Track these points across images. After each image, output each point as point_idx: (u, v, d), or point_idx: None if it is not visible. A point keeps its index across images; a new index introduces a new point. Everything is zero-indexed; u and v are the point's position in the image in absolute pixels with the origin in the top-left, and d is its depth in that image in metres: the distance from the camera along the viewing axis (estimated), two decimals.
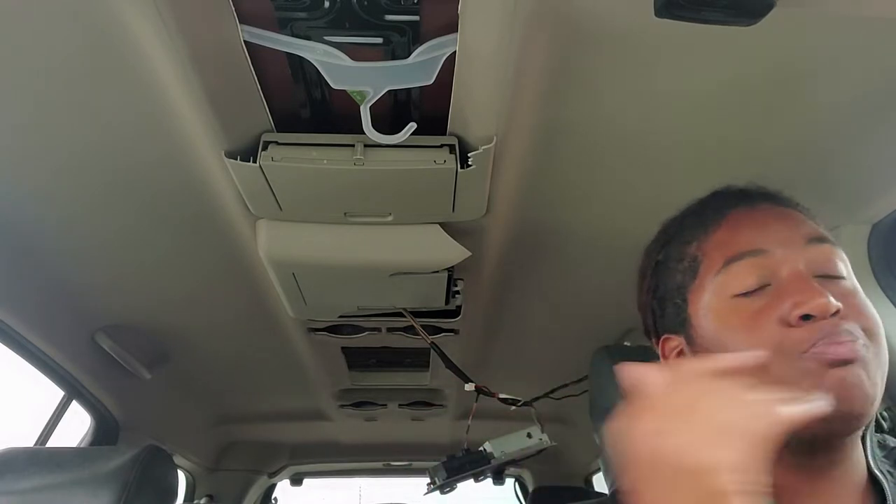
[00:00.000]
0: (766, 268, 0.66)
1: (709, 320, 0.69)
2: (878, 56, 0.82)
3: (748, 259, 0.67)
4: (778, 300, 0.64)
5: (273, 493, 3.28)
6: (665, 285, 0.75)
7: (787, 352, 0.62)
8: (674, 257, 0.75)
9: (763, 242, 0.67)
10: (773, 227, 0.68)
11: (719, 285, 0.68)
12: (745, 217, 0.71)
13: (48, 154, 1.01)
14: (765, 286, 0.66)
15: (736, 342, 0.66)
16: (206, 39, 0.75)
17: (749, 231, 0.69)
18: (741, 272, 0.67)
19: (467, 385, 1.54)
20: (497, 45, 0.75)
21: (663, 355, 0.76)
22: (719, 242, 0.70)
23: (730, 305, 0.67)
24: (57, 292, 1.45)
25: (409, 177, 0.97)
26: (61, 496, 1.24)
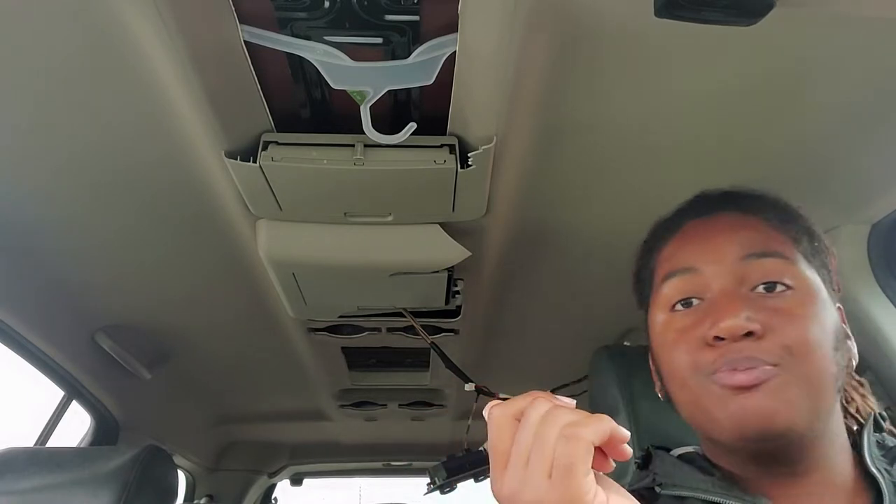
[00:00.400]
0: (696, 284, 0.69)
1: (654, 333, 0.73)
2: (878, 56, 0.82)
3: (679, 276, 0.70)
4: (703, 318, 0.67)
5: (273, 493, 3.29)
6: (640, 294, 0.79)
7: (699, 371, 0.66)
8: (645, 267, 0.78)
9: (696, 260, 0.69)
10: (713, 242, 0.70)
11: (657, 300, 0.72)
12: (696, 230, 0.73)
13: (48, 154, 1.01)
14: (698, 301, 0.69)
15: (667, 357, 0.70)
16: (206, 39, 0.75)
17: (691, 247, 0.72)
18: (672, 289, 0.70)
19: (467, 385, 1.54)
20: (497, 45, 0.75)
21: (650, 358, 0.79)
22: (667, 256, 0.74)
23: (665, 320, 0.71)
24: (57, 292, 1.45)
25: (409, 177, 0.97)
26: (61, 496, 1.24)
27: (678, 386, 0.69)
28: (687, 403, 0.69)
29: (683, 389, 0.68)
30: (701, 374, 0.65)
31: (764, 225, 0.71)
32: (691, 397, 0.67)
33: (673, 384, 0.70)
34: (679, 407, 0.71)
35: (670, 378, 0.70)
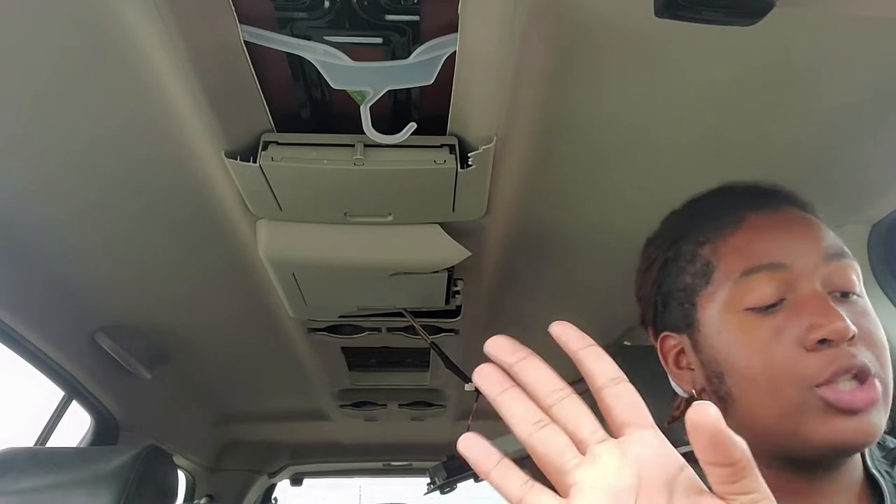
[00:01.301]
0: (784, 282, 0.64)
1: (719, 331, 0.67)
2: (878, 56, 0.82)
3: (767, 272, 0.64)
4: (795, 319, 0.62)
5: (273, 493, 3.29)
6: (672, 284, 0.73)
7: (799, 381, 0.61)
8: (685, 256, 0.72)
9: (783, 255, 0.65)
10: (794, 237, 0.66)
11: (734, 296, 0.66)
12: (765, 222, 0.68)
13: (48, 154, 1.01)
14: (780, 301, 0.64)
15: (748, 359, 0.64)
16: (206, 39, 0.75)
17: (769, 240, 0.66)
18: (758, 285, 0.64)
19: (467, 385, 1.54)
20: (497, 45, 0.75)
21: (661, 352, 0.75)
22: (736, 248, 0.68)
23: (744, 319, 0.65)
24: (57, 292, 1.45)
25: (409, 177, 0.97)
26: (61, 496, 1.24)
27: (767, 393, 0.63)
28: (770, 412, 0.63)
29: (773, 398, 0.62)
30: (802, 385, 0.60)
31: (822, 224, 0.69)
32: (782, 409, 0.62)
33: (755, 390, 0.64)
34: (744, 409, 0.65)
35: (749, 380, 0.64)
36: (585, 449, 0.42)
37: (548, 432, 0.42)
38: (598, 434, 0.42)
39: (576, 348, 0.45)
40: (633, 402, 0.43)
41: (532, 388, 0.44)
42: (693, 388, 0.71)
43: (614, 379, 0.44)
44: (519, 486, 0.42)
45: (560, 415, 0.43)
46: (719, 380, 0.67)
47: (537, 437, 0.42)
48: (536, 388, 0.44)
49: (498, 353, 0.46)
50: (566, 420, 0.42)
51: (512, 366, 0.45)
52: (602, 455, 0.41)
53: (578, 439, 0.42)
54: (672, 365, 0.74)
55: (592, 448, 0.41)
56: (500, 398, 0.44)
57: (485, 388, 0.45)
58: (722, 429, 0.38)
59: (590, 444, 0.42)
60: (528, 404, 0.43)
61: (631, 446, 0.42)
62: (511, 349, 0.46)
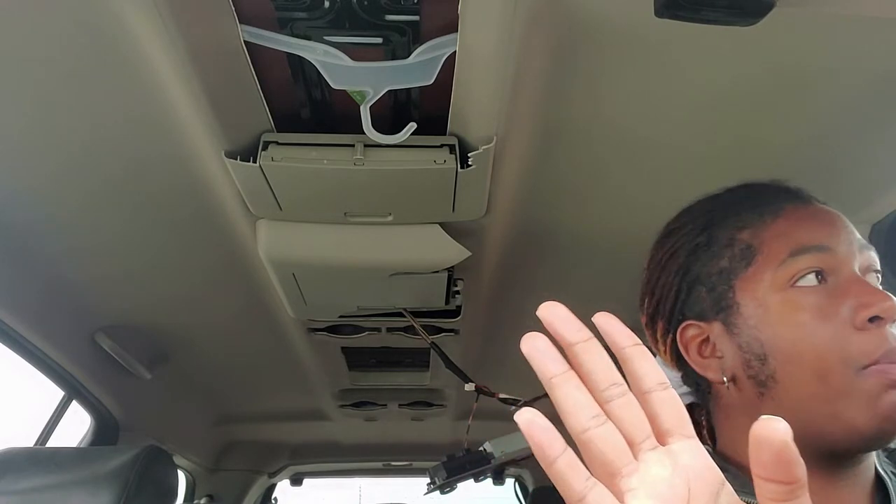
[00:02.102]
0: (828, 265, 0.65)
1: (764, 312, 0.67)
2: (878, 56, 0.82)
3: (813, 254, 0.65)
4: (842, 299, 0.63)
5: (273, 493, 3.28)
6: (704, 268, 0.72)
7: (847, 361, 0.61)
8: (721, 242, 0.72)
9: (826, 239, 0.66)
10: (832, 226, 0.68)
11: (780, 277, 0.66)
12: (803, 212, 0.70)
13: (48, 154, 1.01)
14: (825, 283, 0.65)
15: (794, 338, 0.64)
16: (206, 39, 0.75)
17: (810, 226, 0.68)
18: (805, 266, 0.65)
19: (467, 385, 1.54)
20: (497, 45, 0.75)
21: (681, 343, 0.73)
22: (779, 233, 0.68)
23: (790, 299, 0.65)
24: (57, 292, 1.45)
25: (409, 177, 0.97)
26: (61, 496, 1.24)
27: (813, 373, 0.62)
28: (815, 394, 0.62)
29: (820, 378, 0.62)
30: (851, 365, 0.60)
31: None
32: (828, 390, 0.61)
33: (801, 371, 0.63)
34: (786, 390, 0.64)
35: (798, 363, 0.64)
36: (637, 453, 0.40)
37: (607, 430, 0.39)
38: (650, 440, 0.40)
39: (622, 345, 0.42)
40: (678, 410, 0.42)
41: (590, 377, 0.41)
42: (723, 375, 0.70)
43: (662, 384, 0.42)
44: (583, 483, 0.39)
45: (615, 412, 0.40)
46: (761, 362, 0.66)
47: (595, 433, 0.39)
48: (595, 378, 0.41)
49: (560, 328, 0.42)
50: (621, 419, 0.40)
51: (573, 346, 0.41)
52: (654, 463, 0.40)
53: (630, 441, 0.40)
54: (694, 355, 0.72)
55: (644, 454, 0.40)
56: (556, 381, 0.40)
57: (539, 362, 0.41)
58: (792, 446, 0.36)
59: (642, 449, 0.40)
60: (587, 395, 0.40)
61: (679, 456, 0.40)
62: (576, 326, 0.42)
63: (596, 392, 0.40)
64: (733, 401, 0.69)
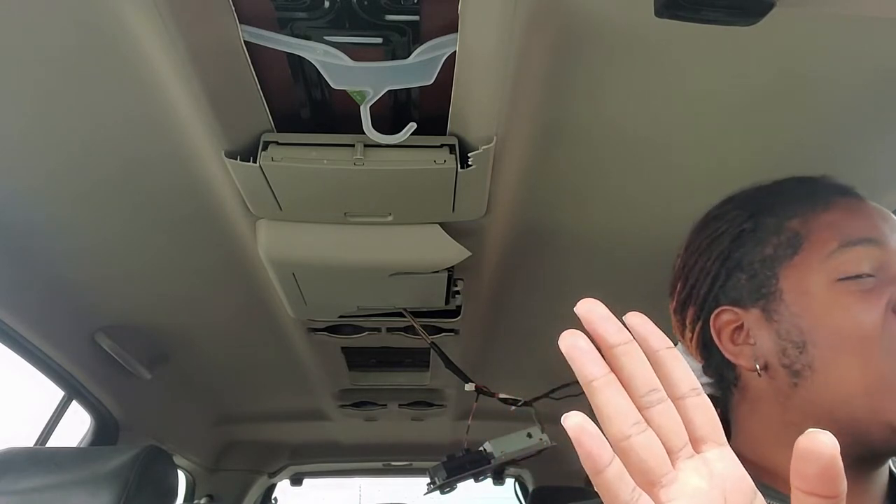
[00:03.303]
0: (877, 259, 0.65)
1: (808, 299, 0.66)
2: (878, 56, 0.82)
3: (865, 246, 0.65)
4: (888, 287, 0.63)
5: (273, 493, 3.29)
6: (748, 254, 0.72)
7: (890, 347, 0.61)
8: (768, 229, 0.71)
9: (875, 233, 0.66)
10: (882, 221, 0.68)
11: (830, 267, 0.66)
12: (854, 206, 0.70)
13: (48, 154, 1.01)
14: (874, 276, 0.64)
15: (837, 325, 0.64)
16: (206, 39, 0.75)
17: (861, 219, 0.68)
18: (856, 257, 0.65)
19: (467, 385, 1.54)
20: (497, 45, 0.75)
21: (714, 328, 0.72)
22: (829, 224, 0.68)
23: (837, 288, 0.65)
24: (57, 292, 1.45)
25: (409, 177, 0.97)
26: (61, 496, 1.24)
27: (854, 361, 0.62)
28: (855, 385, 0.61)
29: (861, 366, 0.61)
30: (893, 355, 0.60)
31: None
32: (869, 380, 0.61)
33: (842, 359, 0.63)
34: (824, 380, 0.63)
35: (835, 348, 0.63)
36: (674, 461, 0.40)
37: (647, 438, 0.39)
38: (688, 448, 0.40)
39: (656, 348, 0.42)
40: (712, 417, 0.41)
41: (631, 381, 0.40)
42: (755, 363, 0.69)
43: (695, 389, 0.41)
44: (629, 493, 0.38)
45: (654, 419, 0.40)
46: (800, 350, 0.65)
47: (636, 441, 0.39)
48: (636, 382, 0.40)
49: (600, 327, 0.41)
50: (660, 426, 0.40)
51: (613, 347, 0.40)
52: (691, 472, 0.39)
53: (669, 449, 0.39)
54: (727, 341, 0.71)
55: (682, 462, 0.40)
56: (597, 384, 0.39)
57: (580, 363, 0.40)
58: (839, 461, 0.36)
59: (680, 457, 0.40)
60: (629, 401, 0.39)
61: (714, 465, 0.40)
62: (617, 327, 0.41)
63: (636, 397, 0.40)
64: (762, 392, 0.69)
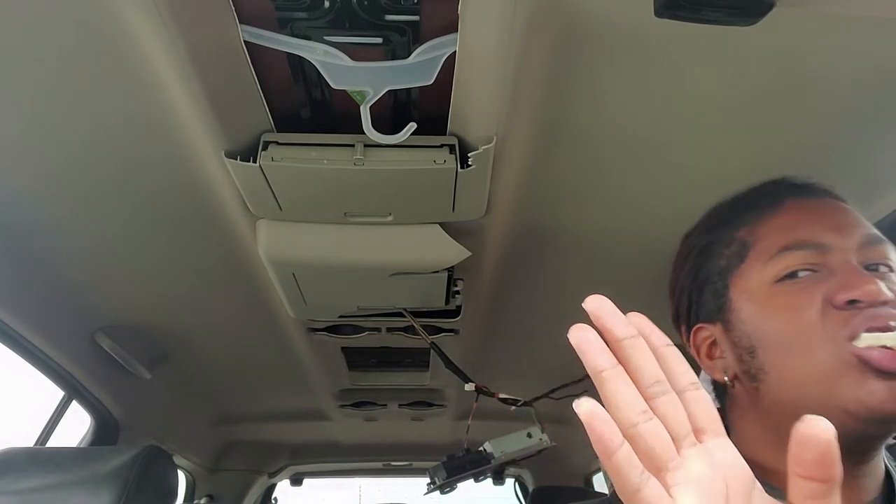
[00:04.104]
0: (820, 260, 0.65)
1: (751, 304, 0.67)
2: (878, 56, 0.82)
3: (806, 250, 0.65)
4: (826, 282, 0.63)
5: (273, 493, 3.29)
6: (707, 269, 0.73)
7: (830, 337, 0.60)
8: (721, 241, 0.73)
9: (821, 236, 0.66)
10: (833, 222, 0.67)
11: (769, 271, 0.66)
12: (805, 207, 0.70)
13: (48, 154, 1.01)
14: (814, 273, 0.64)
15: (778, 326, 0.64)
16: (206, 39, 0.75)
17: (808, 221, 0.67)
18: (793, 259, 0.65)
19: (467, 385, 1.54)
20: (497, 45, 0.75)
21: (694, 346, 0.74)
22: (776, 228, 0.69)
23: (776, 290, 0.65)
24: (57, 292, 1.45)
25: (409, 177, 0.97)
26: (61, 496, 1.24)
27: (799, 357, 0.62)
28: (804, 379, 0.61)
29: (807, 361, 0.61)
30: (835, 341, 0.60)
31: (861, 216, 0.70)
32: (816, 372, 0.60)
33: (782, 354, 0.63)
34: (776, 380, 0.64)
35: (778, 347, 0.64)
36: (679, 449, 0.41)
37: (654, 426, 0.41)
38: (691, 437, 0.42)
39: (657, 345, 0.43)
40: (710, 409, 0.43)
41: (637, 373, 0.42)
42: (725, 375, 0.70)
43: (694, 384, 0.43)
44: (639, 475, 0.40)
45: (660, 409, 0.41)
46: (751, 356, 0.66)
47: (644, 428, 0.40)
48: (642, 374, 0.42)
49: (608, 322, 0.43)
50: (665, 416, 0.41)
51: (621, 341, 0.42)
52: (695, 459, 0.41)
53: (673, 437, 0.41)
54: (705, 357, 0.73)
55: (686, 450, 0.41)
56: (606, 375, 0.41)
57: (590, 355, 0.42)
58: (836, 445, 0.38)
59: (684, 445, 0.41)
60: (636, 391, 0.41)
61: (715, 454, 0.42)
62: (624, 322, 0.43)
63: (642, 388, 0.41)
64: (742, 399, 0.70)
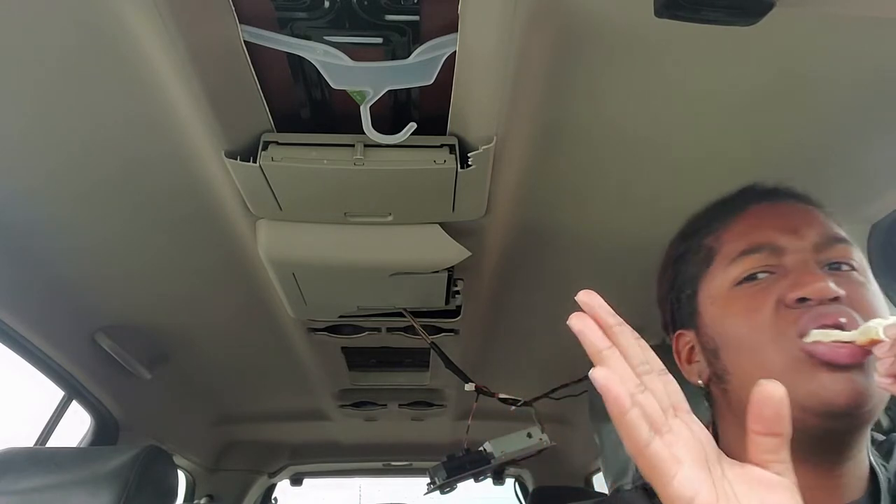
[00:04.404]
0: (779, 262, 0.67)
1: (714, 308, 0.70)
2: (878, 56, 0.82)
3: (764, 252, 0.68)
4: (778, 283, 0.65)
5: (273, 493, 3.28)
6: (682, 277, 0.75)
7: (781, 335, 0.63)
8: (692, 249, 0.75)
9: (778, 238, 0.68)
10: (791, 224, 0.69)
11: (729, 274, 0.69)
12: (766, 211, 0.72)
13: (48, 154, 1.01)
14: (770, 274, 0.67)
15: (736, 327, 0.67)
16: (206, 39, 0.75)
17: (767, 226, 0.70)
18: (751, 263, 0.68)
19: (467, 385, 1.54)
20: (497, 45, 0.75)
21: (676, 351, 0.76)
22: (737, 233, 0.71)
23: (734, 292, 0.68)
24: (57, 292, 1.45)
25: (409, 177, 0.97)
26: (61, 496, 1.24)
27: (754, 356, 0.64)
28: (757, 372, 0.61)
29: (761, 359, 0.63)
30: (785, 338, 0.62)
31: (824, 216, 0.72)
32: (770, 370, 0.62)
33: (741, 354, 0.66)
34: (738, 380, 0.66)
35: (737, 348, 0.66)
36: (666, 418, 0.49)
37: (648, 397, 0.49)
38: (671, 410, 0.50)
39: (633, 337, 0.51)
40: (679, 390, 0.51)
41: (626, 353, 0.50)
42: (700, 378, 0.73)
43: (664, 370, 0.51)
44: (647, 432, 0.47)
45: (648, 384, 0.49)
46: (715, 357, 0.69)
47: (640, 398, 0.48)
48: (630, 353, 0.50)
49: (598, 311, 0.51)
50: (653, 390, 0.49)
51: (612, 327, 0.50)
52: (680, 427, 0.49)
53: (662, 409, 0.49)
54: (685, 362, 0.75)
55: (670, 420, 0.49)
56: (605, 354, 0.49)
57: (590, 337, 0.50)
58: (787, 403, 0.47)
59: (668, 416, 0.49)
60: (628, 367, 0.49)
61: (692, 425, 0.50)
62: (610, 311, 0.51)
63: (632, 366, 0.50)
64: (719, 403, 0.72)
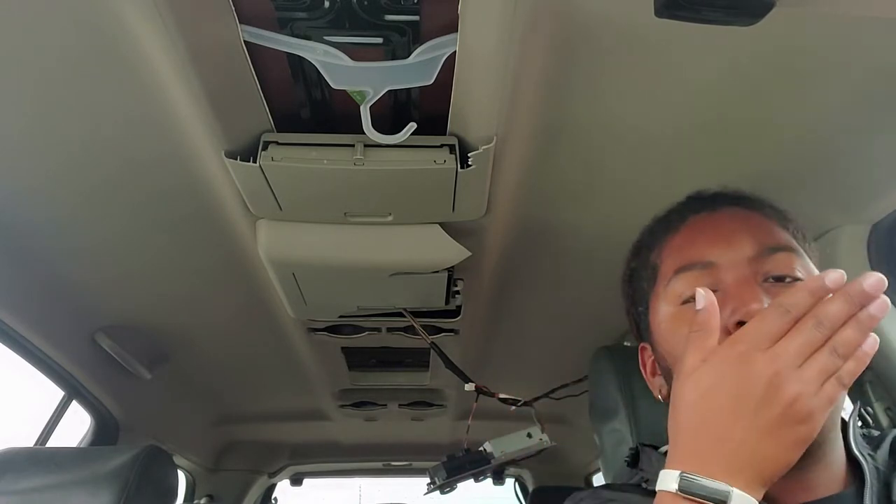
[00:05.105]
0: (712, 277, 0.67)
1: (663, 328, 0.70)
2: (878, 56, 0.82)
3: (696, 270, 0.68)
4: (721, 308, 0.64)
5: (273, 493, 3.29)
6: (637, 293, 0.77)
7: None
8: (641, 265, 0.76)
9: (712, 253, 0.68)
10: (727, 235, 0.69)
11: (669, 293, 0.70)
12: (703, 223, 0.72)
13: (48, 154, 1.01)
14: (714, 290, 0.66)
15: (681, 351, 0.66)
16: (206, 39, 0.75)
17: (702, 240, 0.70)
18: (688, 282, 0.68)
19: (467, 385, 1.54)
20: (497, 45, 0.75)
21: (642, 363, 0.77)
22: (675, 249, 0.72)
23: (679, 313, 0.68)
24: (57, 292, 1.45)
25: (409, 177, 0.97)
26: (61, 496, 1.24)
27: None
28: None
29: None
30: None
31: (767, 221, 0.71)
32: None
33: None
34: None
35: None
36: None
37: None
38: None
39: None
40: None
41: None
42: (661, 393, 0.75)
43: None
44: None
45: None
46: (670, 376, 0.69)
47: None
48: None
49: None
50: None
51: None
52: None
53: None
54: (649, 375, 0.77)
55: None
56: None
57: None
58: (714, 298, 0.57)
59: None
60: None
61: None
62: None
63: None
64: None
